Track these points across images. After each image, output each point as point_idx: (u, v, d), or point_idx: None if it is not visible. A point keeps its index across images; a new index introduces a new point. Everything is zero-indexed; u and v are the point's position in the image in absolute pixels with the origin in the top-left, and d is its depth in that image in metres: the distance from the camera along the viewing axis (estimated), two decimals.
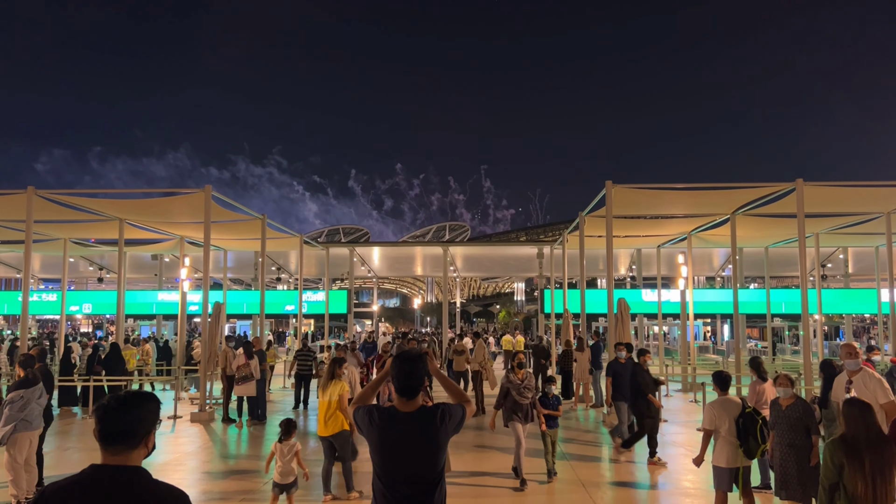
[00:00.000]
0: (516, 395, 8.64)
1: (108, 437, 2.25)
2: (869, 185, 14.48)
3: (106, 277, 29.62)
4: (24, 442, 7.28)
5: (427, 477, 3.26)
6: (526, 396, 8.66)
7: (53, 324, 50.57)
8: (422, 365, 3.46)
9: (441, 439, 3.33)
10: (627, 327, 14.64)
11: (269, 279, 29.87)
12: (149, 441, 2.32)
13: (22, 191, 14.00)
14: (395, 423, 3.34)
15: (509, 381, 8.78)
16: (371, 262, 30.47)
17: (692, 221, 18.68)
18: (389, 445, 3.30)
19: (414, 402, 3.39)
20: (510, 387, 8.73)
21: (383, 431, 3.33)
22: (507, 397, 8.75)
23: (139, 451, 2.29)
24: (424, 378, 3.47)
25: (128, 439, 2.25)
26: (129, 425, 2.26)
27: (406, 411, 3.37)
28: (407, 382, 3.39)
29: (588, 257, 17.81)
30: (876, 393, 6.13)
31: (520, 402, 8.63)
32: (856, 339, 34.83)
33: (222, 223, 17.94)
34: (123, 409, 2.28)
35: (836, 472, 4.26)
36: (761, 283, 27.52)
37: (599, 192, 14.22)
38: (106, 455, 2.24)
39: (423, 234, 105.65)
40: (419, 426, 3.33)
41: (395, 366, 3.43)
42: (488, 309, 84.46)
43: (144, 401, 2.35)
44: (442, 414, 3.37)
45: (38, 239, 20.46)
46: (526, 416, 8.68)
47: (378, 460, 3.33)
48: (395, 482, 3.25)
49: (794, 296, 24.97)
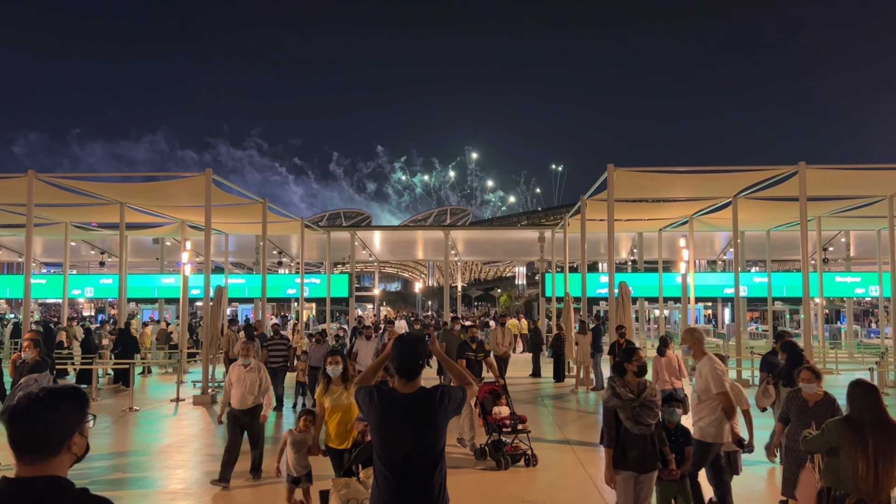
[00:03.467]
0: (629, 422, 4.93)
1: (18, 445, 1.88)
2: (872, 169, 14.44)
3: (108, 261, 29.67)
4: None
5: (426, 458, 3.29)
6: (647, 423, 4.94)
7: (56, 308, 50.71)
8: (422, 347, 3.47)
9: (440, 421, 3.36)
10: (628, 311, 14.68)
11: (271, 263, 29.88)
12: (72, 445, 1.94)
13: (22, 174, 14.01)
14: (394, 404, 3.36)
15: (617, 397, 5.01)
16: (372, 246, 30.48)
17: (694, 205, 18.65)
18: (388, 426, 3.33)
19: (414, 384, 3.40)
20: (619, 407, 4.99)
21: (383, 412, 3.35)
22: (619, 425, 4.99)
23: (61, 459, 1.92)
24: (425, 360, 3.48)
25: (42, 447, 1.88)
26: (42, 430, 1.89)
27: (405, 392, 3.39)
28: (406, 364, 3.40)
29: (589, 241, 17.82)
30: (708, 382, 5.92)
31: (634, 431, 4.93)
32: (856, 322, 34.84)
33: (223, 207, 17.92)
34: (34, 411, 1.90)
35: (824, 449, 4.34)
36: (762, 267, 27.51)
37: (602, 175, 14.18)
38: (20, 466, 1.88)
39: (424, 219, 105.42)
40: (418, 407, 3.35)
41: (395, 347, 3.44)
42: (489, 293, 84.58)
43: (61, 400, 1.95)
44: (441, 395, 3.39)
45: (40, 223, 20.46)
46: (645, 460, 4.94)
47: (378, 441, 3.36)
48: (395, 463, 3.28)
49: (794, 279, 24.96)
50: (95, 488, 2.00)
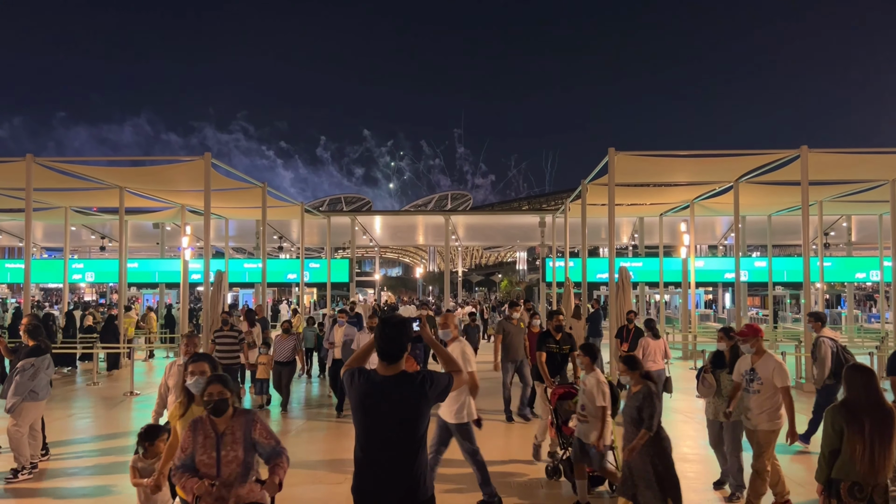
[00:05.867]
0: None
1: None
2: (874, 153, 14.33)
3: (108, 246, 29.68)
4: (29, 412, 7.32)
5: (405, 443, 3.22)
6: None
7: (58, 292, 50.80)
8: (405, 330, 3.37)
9: (421, 406, 3.26)
10: (629, 296, 14.65)
11: (271, 248, 29.88)
12: None
13: (21, 158, 13.94)
14: (373, 386, 3.28)
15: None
16: (373, 231, 30.44)
17: (695, 189, 18.58)
18: (366, 408, 3.27)
19: (395, 367, 3.33)
20: None
21: (361, 394, 3.29)
22: None
23: None
24: (407, 344, 3.38)
25: None
26: None
27: (386, 375, 3.31)
28: (387, 347, 3.32)
29: (590, 226, 17.74)
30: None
31: None
32: (857, 307, 34.87)
33: (222, 191, 17.86)
34: None
35: (836, 438, 4.24)
36: (763, 252, 27.47)
37: (602, 159, 14.09)
38: None
39: (425, 204, 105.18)
40: (398, 390, 3.26)
41: (378, 330, 3.37)
42: (490, 278, 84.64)
43: None
44: (423, 380, 3.30)
45: (39, 207, 20.42)
46: None
47: (357, 423, 3.32)
48: (372, 447, 3.23)
49: (795, 264, 24.92)
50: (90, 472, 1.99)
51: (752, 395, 6.08)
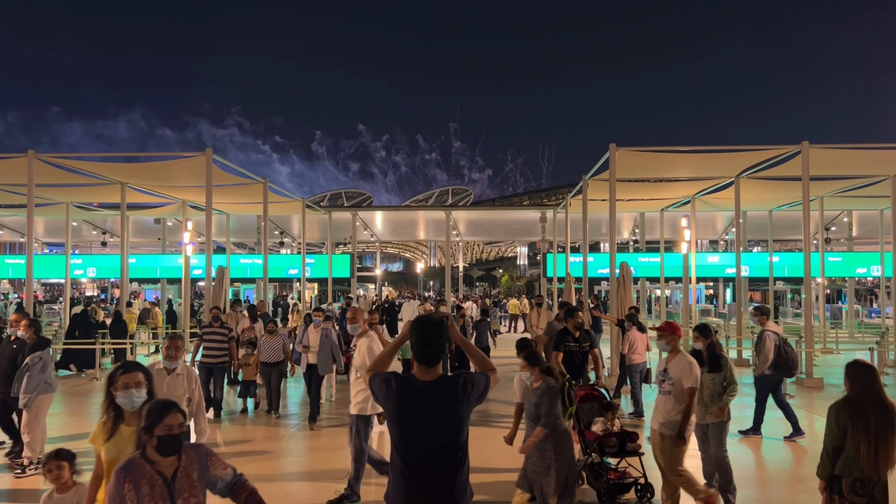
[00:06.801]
0: None
1: None
2: (875, 148, 14.33)
3: (110, 242, 29.73)
4: (43, 404, 7.43)
5: (449, 449, 3.09)
6: None
7: (60, 287, 50.93)
8: (443, 330, 3.22)
9: (463, 410, 3.14)
10: (629, 291, 14.67)
11: (273, 243, 29.92)
12: None
13: (22, 155, 13.99)
14: (414, 393, 3.14)
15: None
16: (374, 226, 30.47)
17: (696, 185, 18.58)
18: (408, 416, 3.12)
19: (434, 371, 3.18)
20: None
21: (401, 401, 3.14)
22: None
23: None
24: (445, 345, 3.25)
25: None
26: None
27: (425, 380, 3.16)
28: (427, 349, 3.17)
29: (591, 221, 17.78)
30: None
31: None
32: (857, 301, 34.87)
33: (224, 187, 17.90)
34: None
35: (840, 435, 4.24)
36: (764, 247, 27.50)
37: (603, 155, 14.10)
38: None
39: (426, 199, 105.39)
40: (440, 396, 3.13)
41: (414, 331, 3.20)
42: (491, 273, 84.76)
43: None
44: (464, 383, 3.16)
45: (41, 203, 20.47)
46: None
47: (396, 432, 3.15)
48: (415, 454, 3.08)
49: (796, 259, 24.93)
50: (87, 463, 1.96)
51: (663, 395, 5.65)
